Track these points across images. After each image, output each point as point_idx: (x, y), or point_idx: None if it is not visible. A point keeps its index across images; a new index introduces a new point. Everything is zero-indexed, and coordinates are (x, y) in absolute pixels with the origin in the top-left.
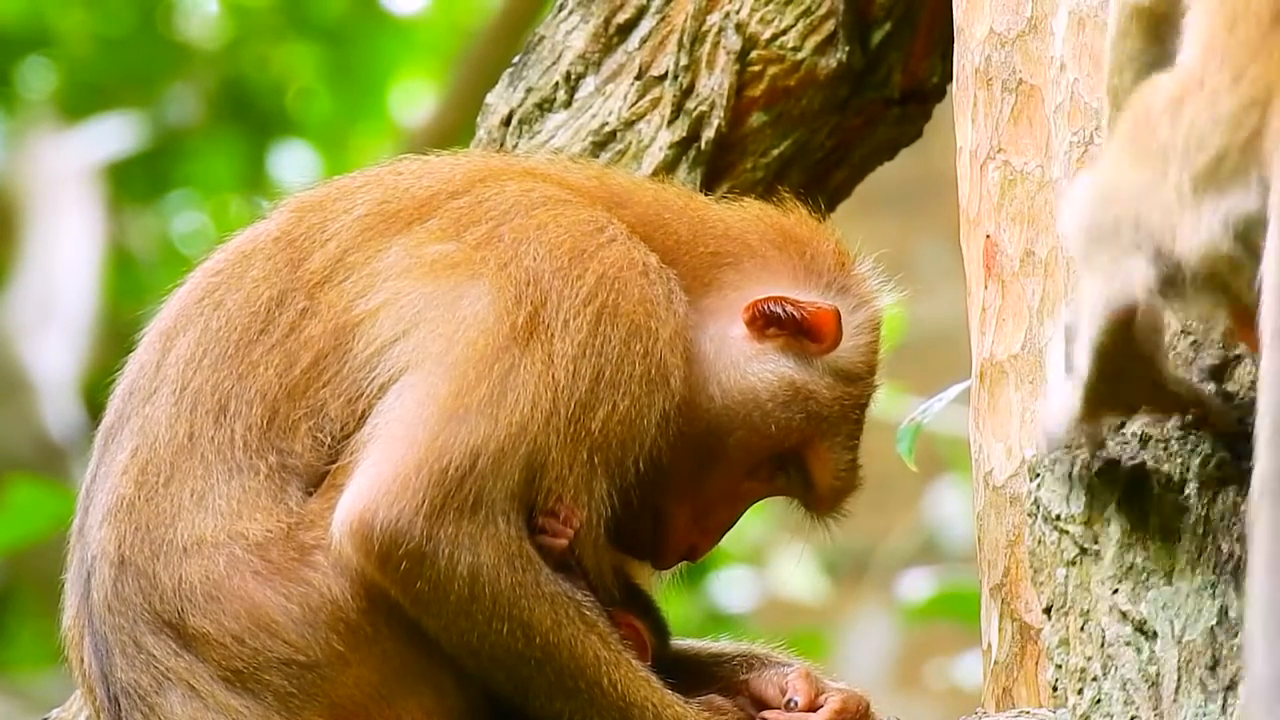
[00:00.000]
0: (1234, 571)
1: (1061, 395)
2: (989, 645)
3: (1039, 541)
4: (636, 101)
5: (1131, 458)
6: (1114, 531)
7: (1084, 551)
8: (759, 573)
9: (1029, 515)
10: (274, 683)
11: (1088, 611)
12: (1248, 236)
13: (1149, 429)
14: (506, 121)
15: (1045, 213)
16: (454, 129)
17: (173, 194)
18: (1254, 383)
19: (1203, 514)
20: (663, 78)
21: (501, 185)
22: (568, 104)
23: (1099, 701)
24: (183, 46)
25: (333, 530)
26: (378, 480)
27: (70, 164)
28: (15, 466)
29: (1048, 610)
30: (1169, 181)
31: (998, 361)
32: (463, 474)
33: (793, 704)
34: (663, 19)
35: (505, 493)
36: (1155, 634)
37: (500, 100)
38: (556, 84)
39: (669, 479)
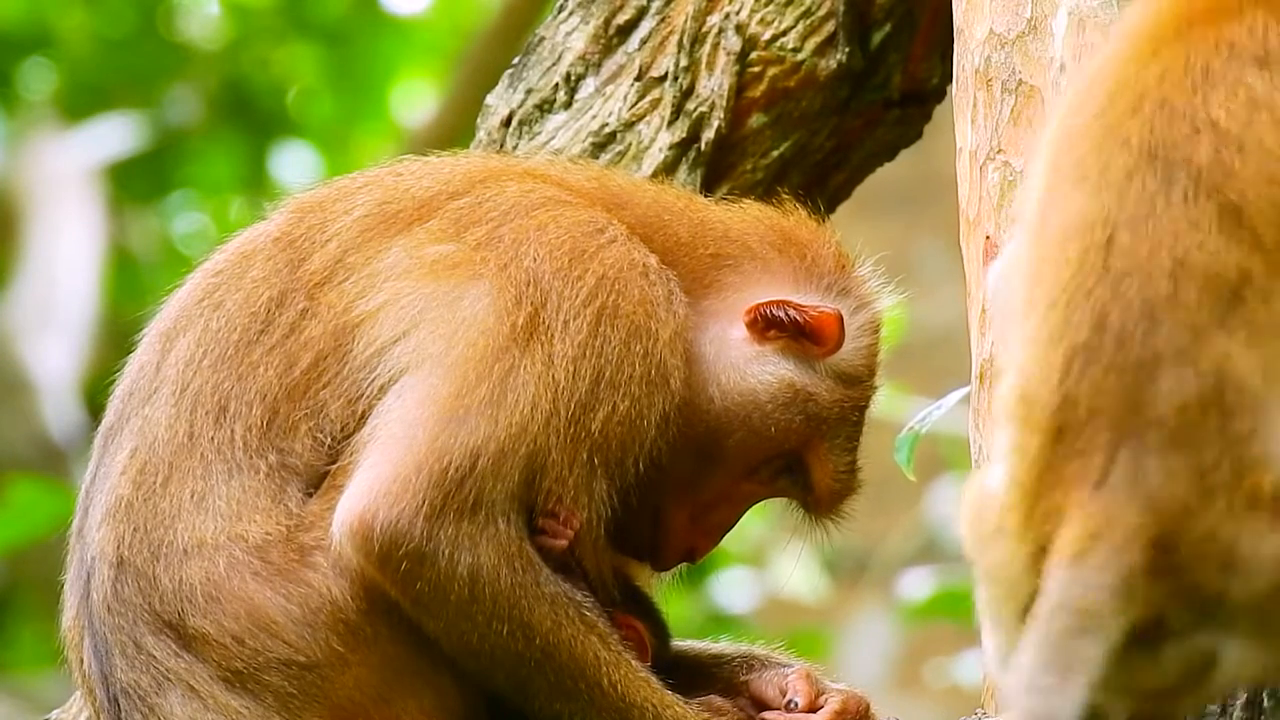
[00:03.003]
0: None
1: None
2: None
3: None
4: (636, 103)
5: None
6: None
7: None
8: (759, 573)
9: None
10: (274, 683)
11: None
12: None
13: None
14: (506, 122)
15: None
16: (454, 130)
17: (173, 195)
18: None
19: None
20: (663, 79)
21: (502, 186)
22: (568, 105)
23: None
24: (183, 47)
25: (333, 531)
26: (378, 481)
27: (71, 165)
28: (15, 466)
29: None
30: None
31: (998, 363)
32: (463, 475)
33: (793, 705)
34: (662, 20)
35: (505, 493)
36: None
37: (500, 101)
38: (556, 85)
39: (669, 480)
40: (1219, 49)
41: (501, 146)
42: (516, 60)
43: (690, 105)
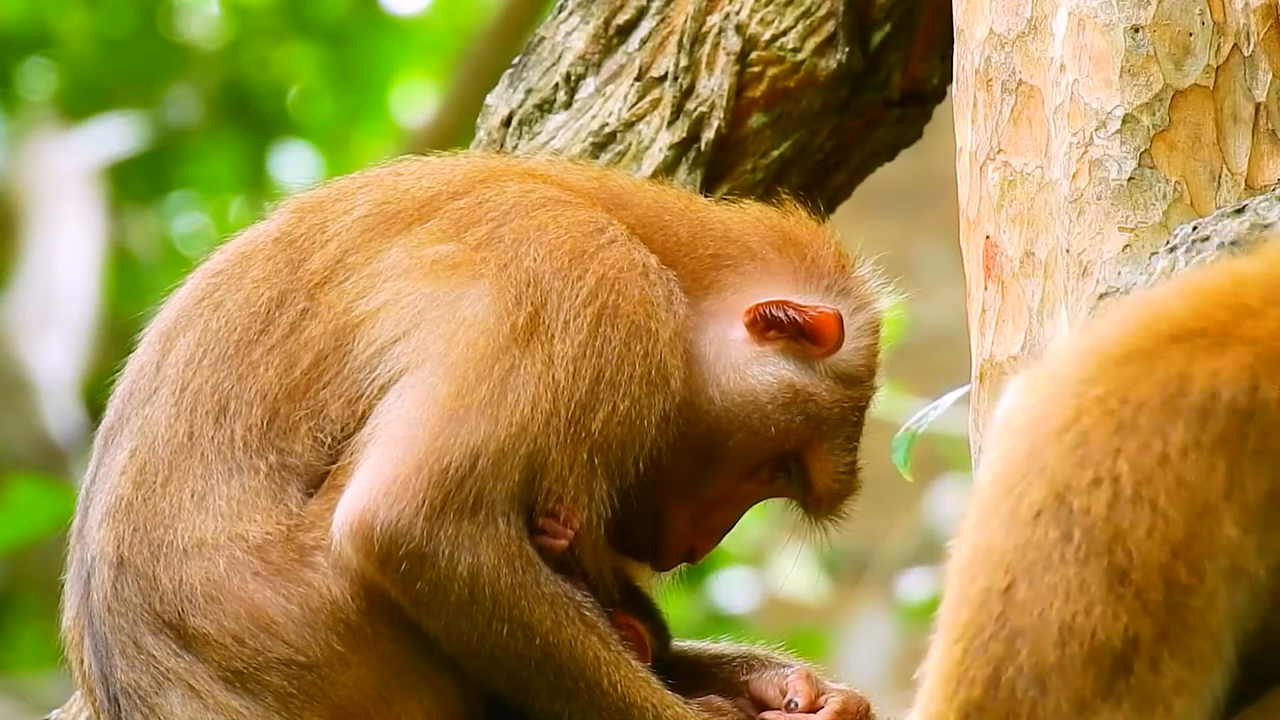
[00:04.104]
0: None
1: None
2: None
3: None
4: (636, 103)
5: None
6: None
7: None
8: (759, 573)
9: None
10: (274, 683)
11: None
12: None
13: None
14: (506, 122)
15: (1045, 214)
16: (454, 130)
17: (173, 195)
18: None
19: None
20: (663, 79)
21: (502, 186)
22: (568, 105)
23: None
24: (183, 47)
25: (333, 531)
26: (378, 481)
27: (71, 165)
28: (15, 466)
29: None
30: None
31: (997, 363)
32: (463, 474)
33: (793, 705)
34: (663, 20)
35: (505, 493)
36: None
37: (500, 101)
38: (556, 85)
39: (669, 480)
40: (1166, 386)
41: (501, 146)
42: (516, 60)
43: (690, 105)
